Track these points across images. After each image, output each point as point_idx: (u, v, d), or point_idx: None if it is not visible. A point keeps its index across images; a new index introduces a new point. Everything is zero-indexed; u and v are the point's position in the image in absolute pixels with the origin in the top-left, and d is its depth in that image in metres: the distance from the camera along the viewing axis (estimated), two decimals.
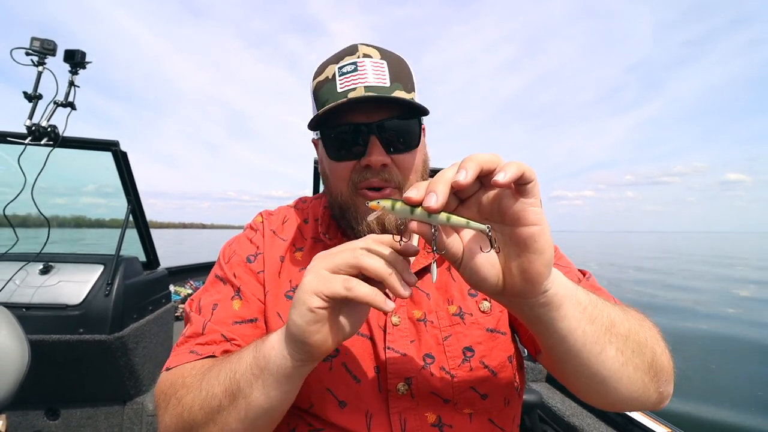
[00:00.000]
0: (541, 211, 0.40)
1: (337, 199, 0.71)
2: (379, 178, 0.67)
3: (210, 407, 0.52)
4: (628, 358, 0.50)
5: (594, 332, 0.48)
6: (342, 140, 0.67)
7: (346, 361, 0.64)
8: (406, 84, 0.68)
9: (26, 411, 1.82)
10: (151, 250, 2.21)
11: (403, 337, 0.66)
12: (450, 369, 0.64)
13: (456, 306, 0.68)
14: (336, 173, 0.70)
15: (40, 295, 1.69)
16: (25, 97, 1.66)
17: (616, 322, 0.50)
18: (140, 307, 1.91)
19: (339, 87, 0.66)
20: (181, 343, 0.66)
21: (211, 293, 0.70)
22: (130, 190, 2.00)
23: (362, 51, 0.68)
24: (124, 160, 1.91)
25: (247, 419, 0.52)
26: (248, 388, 0.51)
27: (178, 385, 0.57)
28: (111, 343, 1.70)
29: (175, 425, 0.56)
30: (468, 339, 0.66)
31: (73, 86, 1.73)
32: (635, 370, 0.51)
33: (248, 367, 0.51)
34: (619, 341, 0.49)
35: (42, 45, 1.65)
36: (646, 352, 0.52)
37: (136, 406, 1.89)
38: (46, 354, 1.64)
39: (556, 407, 1.60)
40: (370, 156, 0.65)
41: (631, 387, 0.51)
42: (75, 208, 2.44)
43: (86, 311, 1.68)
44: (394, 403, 0.63)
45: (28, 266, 1.75)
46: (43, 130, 1.67)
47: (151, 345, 1.97)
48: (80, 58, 1.73)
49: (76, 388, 1.83)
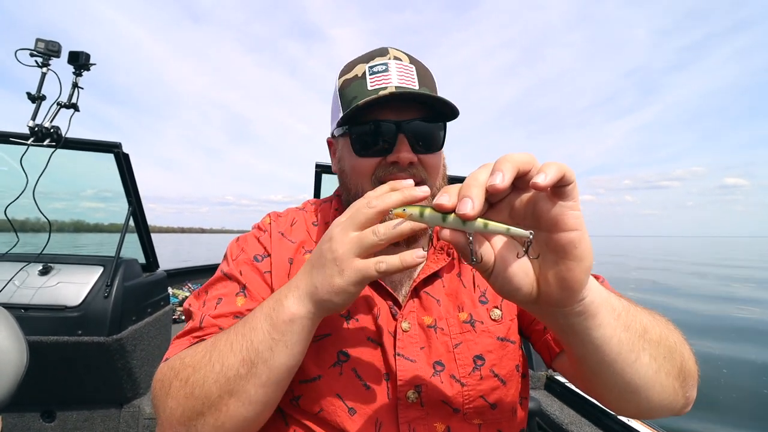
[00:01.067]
0: (581, 215, 0.37)
1: (356, 195, 0.70)
2: (407, 173, 0.67)
3: (226, 378, 0.52)
4: (660, 364, 0.48)
5: (629, 339, 0.46)
6: (370, 136, 0.67)
7: (357, 367, 0.64)
8: (432, 89, 0.71)
9: (22, 413, 1.81)
10: (151, 253, 2.21)
11: (413, 343, 0.65)
12: (460, 377, 0.64)
13: (467, 313, 0.68)
14: (359, 169, 0.69)
15: (39, 296, 1.68)
16: (29, 97, 1.66)
17: (648, 327, 0.48)
18: (139, 309, 1.91)
19: (369, 85, 0.67)
20: (180, 336, 0.65)
21: (217, 288, 0.70)
22: (132, 192, 2.00)
23: (393, 54, 0.70)
24: (126, 162, 1.92)
25: (269, 382, 0.53)
26: (268, 352, 0.52)
27: (179, 368, 0.56)
28: (109, 345, 1.69)
29: (183, 406, 0.54)
30: (479, 347, 0.66)
31: (76, 88, 1.74)
32: (667, 377, 0.49)
33: (266, 334, 0.53)
34: (652, 347, 0.48)
35: (47, 46, 1.66)
36: (676, 357, 0.50)
37: (132, 409, 1.88)
38: (44, 355, 1.63)
39: (555, 415, 1.59)
40: (399, 153, 0.66)
41: (663, 394, 0.50)
42: (74, 212, 2.45)
43: (85, 313, 1.68)
44: (404, 413, 0.62)
45: (28, 267, 1.75)
46: (46, 131, 1.67)
47: (150, 347, 1.97)
48: (84, 59, 1.73)
49: (73, 390, 1.82)
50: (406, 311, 0.67)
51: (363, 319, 0.67)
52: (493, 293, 0.70)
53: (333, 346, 0.64)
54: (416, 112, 0.67)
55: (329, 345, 0.64)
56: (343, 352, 0.64)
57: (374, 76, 0.67)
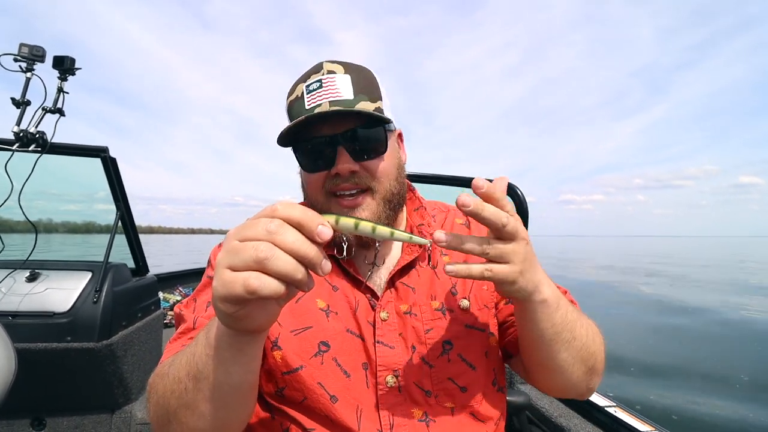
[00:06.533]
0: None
1: (315, 208, 0.74)
2: (350, 183, 0.71)
3: (179, 392, 0.54)
4: (575, 359, 0.65)
5: (561, 337, 0.63)
6: (312, 152, 0.72)
7: (337, 356, 0.67)
8: (371, 94, 0.72)
9: (11, 420, 1.78)
10: (141, 257, 2.19)
11: (392, 331, 0.70)
12: (430, 360, 0.69)
13: (439, 302, 0.73)
14: (311, 184, 0.74)
15: (27, 302, 1.67)
16: (13, 103, 1.64)
17: (578, 335, 0.65)
18: (129, 314, 1.89)
19: (307, 104, 0.70)
20: (174, 339, 0.68)
21: (205, 293, 0.72)
22: (119, 196, 1.99)
23: (327, 68, 0.72)
24: (113, 166, 1.90)
25: (214, 399, 0.52)
26: (206, 368, 0.51)
27: (157, 375, 0.60)
28: (99, 350, 1.68)
29: (154, 413, 0.58)
30: (448, 333, 0.71)
31: (62, 92, 1.72)
32: (579, 369, 0.67)
33: (203, 348, 0.52)
34: (574, 347, 0.64)
35: (31, 51, 1.64)
36: (590, 358, 0.67)
37: (124, 415, 1.87)
38: (32, 362, 1.61)
39: (544, 408, 1.62)
40: (338, 165, 0.69)
41: (572, 380, 0.68)
42: (87, 213, 2.51)
43: (74, 318, 1.67)
44: (384, 399, 0.66)
45: (15, 273, 1.73)
46: (31, 136, 1.66)
47: (140, 352, 1.95)
48: (69, 64, 1.72)
49: (63, 396, 1.80)
50: (384, 302, 0.71)
51: (343, 312, 0.70)
52: (462, 286, 0.75)
53: (314, 338, 0.67)
54: (353, 122, 0.70)
55: (311, 337, 0.67)
56: (324, 343, 0.67)
57: (310, 94, 0.70)
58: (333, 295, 0.72)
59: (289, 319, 0.69)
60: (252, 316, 0.44)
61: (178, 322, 0.71)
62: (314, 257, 0.41)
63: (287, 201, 0.45)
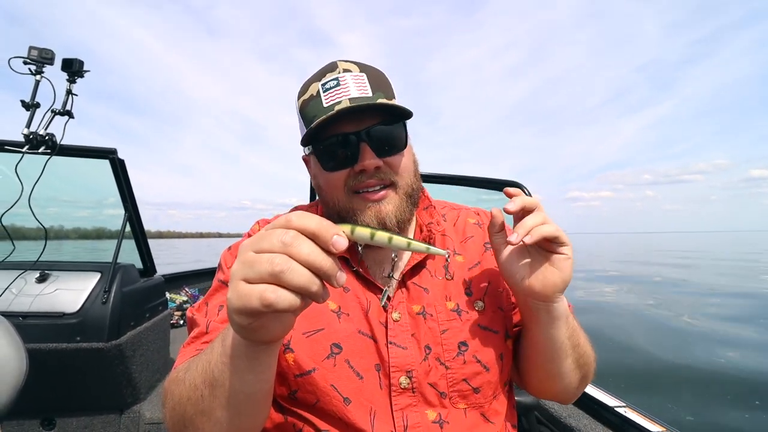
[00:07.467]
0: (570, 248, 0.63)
1: (335, 207, 0.74)
2: (375, 179, 0.70)
3: (195, 399, 0.54)
4: (574, 368, 0.71)
5: (566, 345, 0.68)
6: (334, 151, 0.71)
7: (350, 358, 0.66)
8: (386, 92, 0.72)
9: (21, 421, 1.80)
10: (148, 258, 2.21)
11: (404, 331, 0.69)
12: (445, 361, 0.68)
13: (454, 303, 0.72)
14: (331, 183, 0.73)
15: (37, 303, 1.68)
16: (23, 105, 1.66)
17: (580, 344, 0.71)
18: (137, 314, 1.91)
19: (324, 102, 0.69)
20: (188, 344, 0.68)
21: (217, 297, 0.72)
22: (128, 198, 2.01)
23: (342, 67, 0.72)
24: (121, 168, 1.92)
25: (230, 406, 0.53)
26: (222, 376, 0.51)
27: (172, 381, 0.60)
28: (108, 350, 1.69)
29: (171, 418, 0.58)
30: (463, 334, 0.70)
31: (71, 95, 1.74)
32: (575, 377, 0.72)
33: (218, 356, 0.52)
34: (575, 357, 0.70)
35: (40, 54, 1.66)
36: (585, 368, 0.73)
37: (132, 415, 1.88)
38: (43, 362, 1.63)
39: (553, 409, 1.61)
40: (363, 161, 0.68)
41: (569, 387, 0.73)
42: (97, 219, 2.53)
43: (83, 319, 1.68)
44: (397, 400, 0.65)
45: (25, 275, 1.75)
46: (40, 138, 1.67)
47: (148, 352, 1.97)
48: (78, 66, 1.74)
49: (73, 396, 1.82)
50: (395, 302, 0.71)
51: (354, 313, 0.70)
52: (477, 287, 0.75)
53: (326, 340, 0.67)
54: (374, 119, 0.70)
55: (323, 339, 0.67)
56: (336, 345, 0.67)
57: (327, 92, 0.69)
58: (344, 297, 0.71)
59: (300, 322, 0.68)
60: (267, 328, 0.44)
61: (191, 326, 0.71)
62: (329, 269, 0.41)
63: (302, 212, 0.44)
